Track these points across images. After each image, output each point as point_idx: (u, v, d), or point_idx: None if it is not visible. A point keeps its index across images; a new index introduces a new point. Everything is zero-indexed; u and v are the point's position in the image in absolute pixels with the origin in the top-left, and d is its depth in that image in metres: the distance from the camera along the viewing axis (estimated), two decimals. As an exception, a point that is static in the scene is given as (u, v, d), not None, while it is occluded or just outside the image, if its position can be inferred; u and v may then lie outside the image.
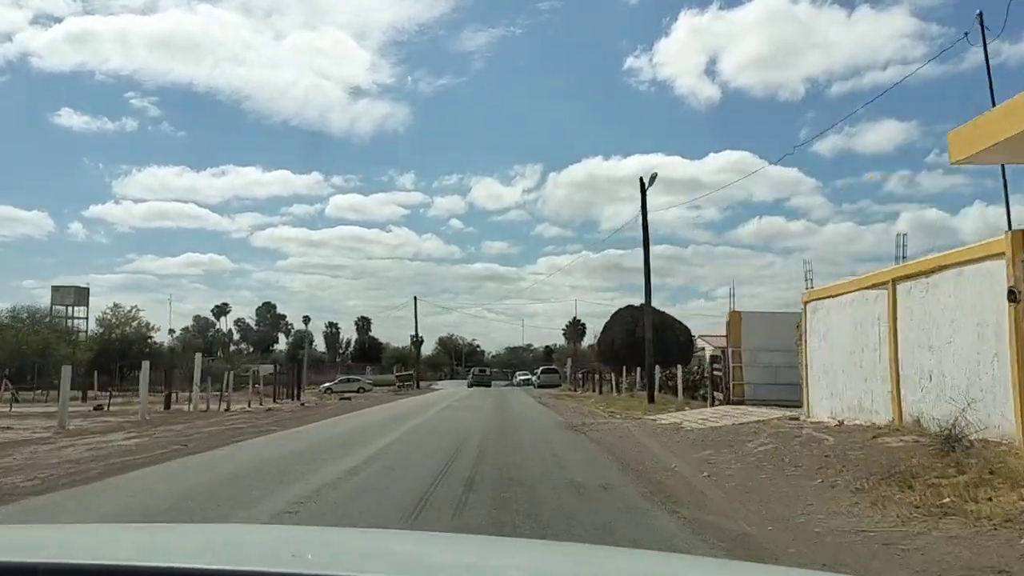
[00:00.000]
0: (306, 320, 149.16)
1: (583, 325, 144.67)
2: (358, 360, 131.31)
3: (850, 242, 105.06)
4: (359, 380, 65.27)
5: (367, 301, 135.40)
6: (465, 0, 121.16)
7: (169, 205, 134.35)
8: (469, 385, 65.31)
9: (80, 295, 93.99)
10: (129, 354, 64.25)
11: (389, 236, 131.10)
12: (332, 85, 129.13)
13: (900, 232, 58.24)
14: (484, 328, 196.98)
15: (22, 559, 1.56)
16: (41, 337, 56.81)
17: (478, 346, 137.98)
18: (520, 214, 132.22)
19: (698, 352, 39.81)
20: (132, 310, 72.29)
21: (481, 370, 72.53)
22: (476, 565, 1.94)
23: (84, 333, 77.16)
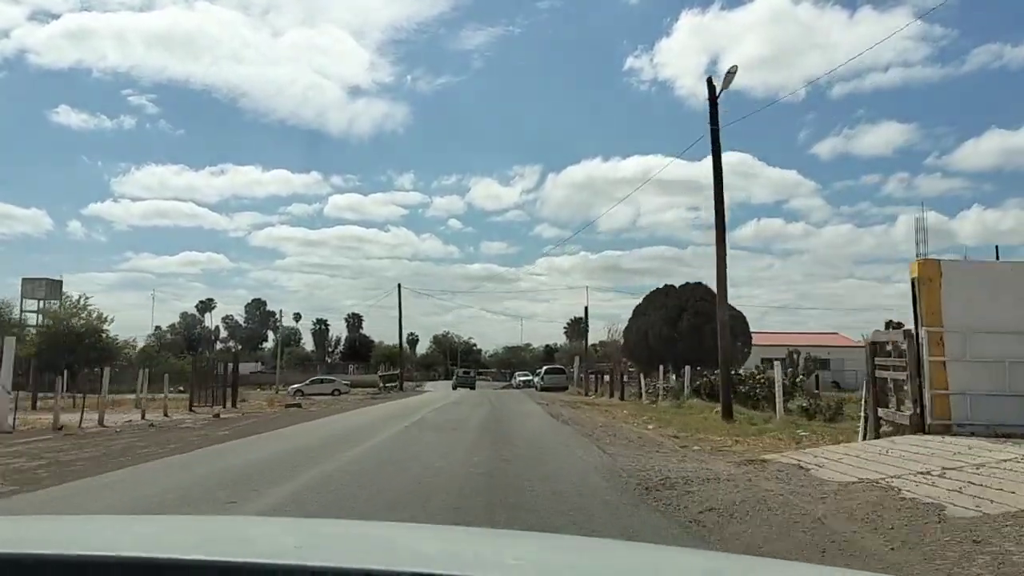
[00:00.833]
0: (297, 317, 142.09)
1: (586, 322, 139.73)
2: (348, 359, 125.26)
3: (849, 244, 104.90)
4: (334, 381, 56.36)
5: (365, 301, 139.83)
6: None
7: (167, 204, 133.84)
8: (453, 387, 63.01)
9: (52, 288, 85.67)
10: (78, 349, 56.03)
11: (388, 236, 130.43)
12: (330, 84, 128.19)
13: (919, 216, 50.12)
14: (482, 328, 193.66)
15: (23, 551, 1.55)
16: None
17: (475, 345, 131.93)
18: (519, 214, 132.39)
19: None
20: (81, 299, 63.02)
21: (465, 371, 70.28)
22: (478, 557, 1.90)
23: (35, 327, 68.33)
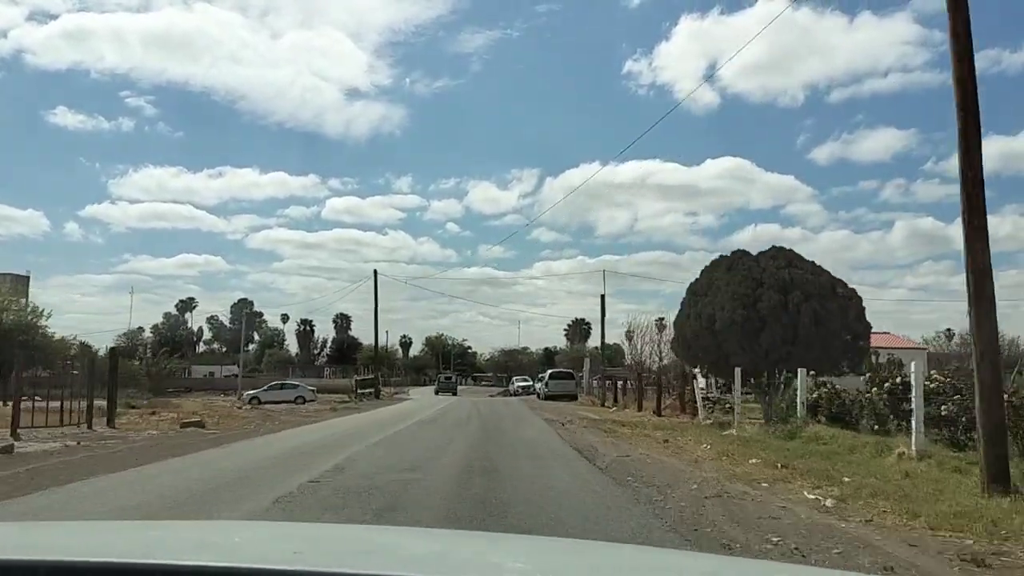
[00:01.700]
0: (284, 318, 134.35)
1: (587, 325, 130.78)
2: (335, 361, 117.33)
3: (845, 250, 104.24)
4: (296, 387, 47.03)
5: (362, 304, 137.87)
6: (462, 2, 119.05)
7: (165, 206, 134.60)
8: (436, 392, 62.22)
9: (18, 284, 77.02)
10: (4, 348, 47.05)
11: (385, 239, 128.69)
12: (329, 86, 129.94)
13: None
14: (479, 332, 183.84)
15: (22, 557, 1.53)
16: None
17: (469, 347, 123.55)
18: (517, 219, 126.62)
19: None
20: (8, 291, 53.87)
21: (447, 377, 69.46)
22: (477, 560, 1.90)
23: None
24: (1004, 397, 7.77)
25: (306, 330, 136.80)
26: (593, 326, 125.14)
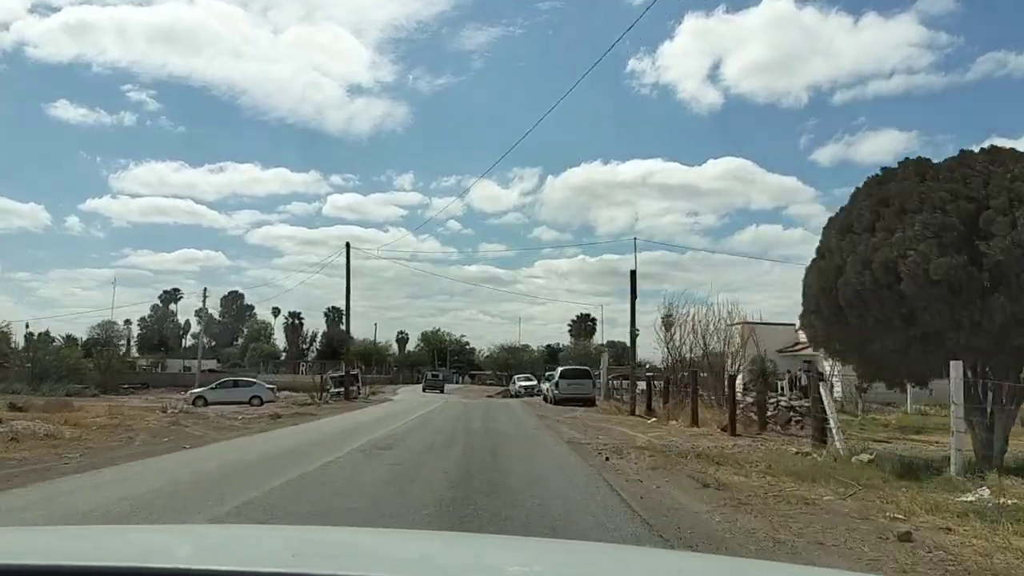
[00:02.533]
0: (276, 312, 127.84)
1: (592, 321, 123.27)
2: (326, 356, 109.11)
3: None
4: (253, 384, 38.94)
5: (363, 301, 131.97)
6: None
7: (166, 201, 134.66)
8: (423, 389, 60.95)
9: None
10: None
11: (386, 236, 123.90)
12: (331, 82, 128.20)
13: None
14: (479, 330, 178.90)
15: (15, 562, 1.49)
16: None
17: (467, 343, 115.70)
18: (518, 217, 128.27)
19: None
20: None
21: (434, 374, 68.59)
22: (478, 564, 1.88)
23: None
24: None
25: (294, 323, 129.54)
26: (598, 322, 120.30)
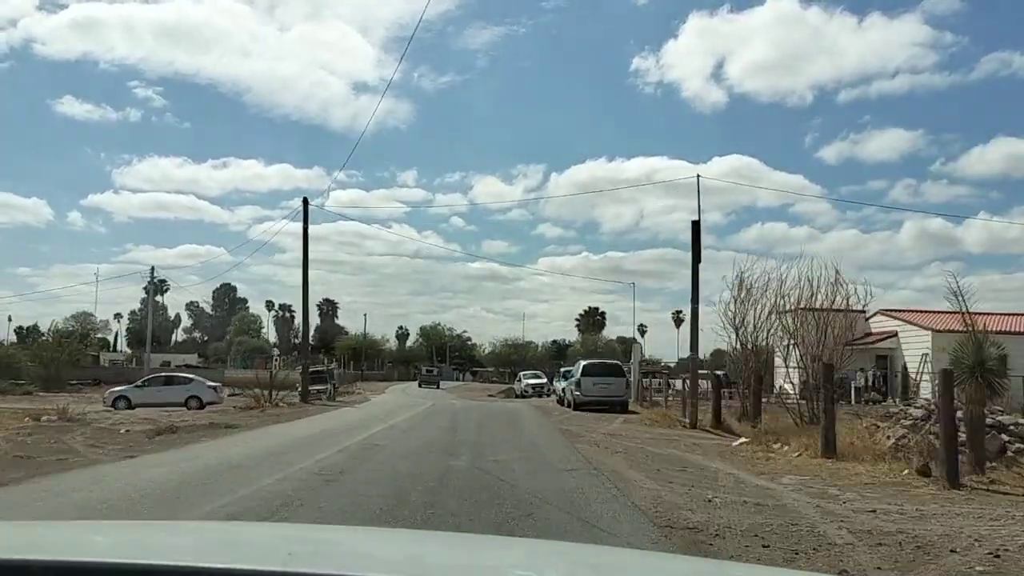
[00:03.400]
0: (269, 305, 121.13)
1: (602, 315, 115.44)
2: (319, 351, 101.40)
3: (854, 249, 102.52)
4: (189, 381, 30.77)
5: (365, 298, 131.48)
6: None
7: (169, 196, 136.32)
8: (419, 385, 59.31)
9: None
10: None
11: (389, 233, 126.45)
12: (336, 80, 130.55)
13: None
14: (481, 328, 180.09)
15: (15, 556, 1.49)
16: None
17: (469, 339, 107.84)
18: (521, 213, 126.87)
19: None
20: None
21: (428, 370, 67.76)
22: (474, 564, 1.85)
23: None
24: None
25: (285, 316, 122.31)
26: (608, 317, 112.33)
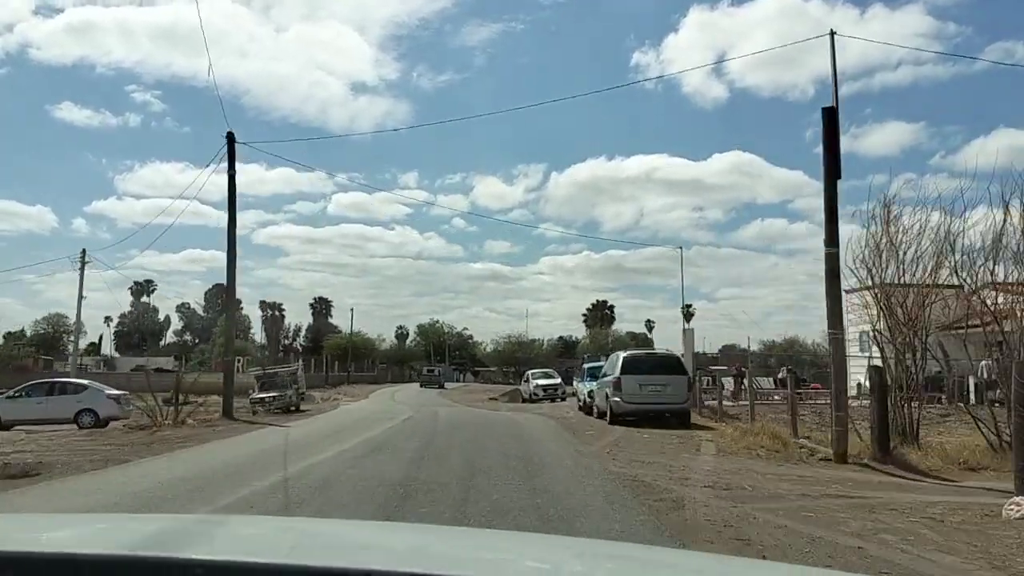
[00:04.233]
0: (263, 307, 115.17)
1: (610, 308, 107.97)
2: (312, 352, 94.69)
3: (855, 246, 76.63)
4: (83, 389, 22.58)
5: (368, 300, 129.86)
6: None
7: (171, 201, 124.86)
8: (421, 385, 55.99)
9: None
10: None
11: (392, 234, 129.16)
12: (335, 80, 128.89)
13: None
14: (484, 328, 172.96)
15: (17, 549, 1.45)
16: None
17: (470, 336, 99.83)
18: (523, 214, 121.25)
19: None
20: None
21: (429, 370, 64.96)
22: (476, 557, 1.78)
23: None
24: None
25: (273, 316, 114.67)
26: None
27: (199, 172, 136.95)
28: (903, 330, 12.43)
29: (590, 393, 21.52)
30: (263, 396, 29.15)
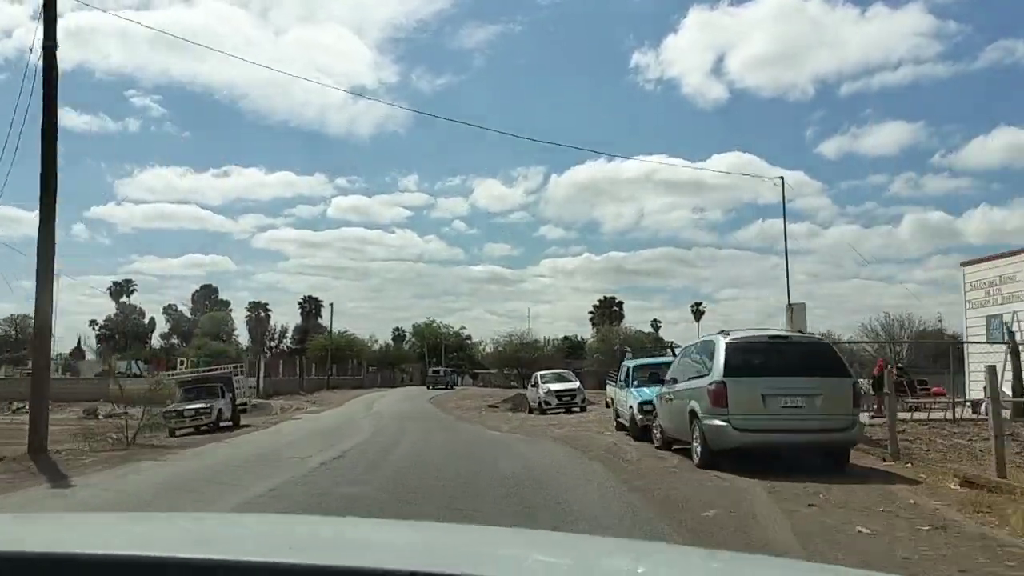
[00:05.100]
0: (251, 306, 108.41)
1: (619, 304, 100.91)
2: (299, 353, 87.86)
3: (854, 244, 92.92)
4: None
5: (367, 302, 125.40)
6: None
7: (171, 206, 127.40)
8: (427, 387, 53.89)
9: None
10: None
11: (392, 238, 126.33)
12: (332, 83, 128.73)
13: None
14: (485, 330, 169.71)
15: (17, 549, 1.45)
16: None
17: (468, 337, 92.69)
18: (523, 216, 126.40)
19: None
20: None
21: (435, 371, 60.85)
22: (480, 553, 1.73)
23: None
24: None
25: (259, 316, 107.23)
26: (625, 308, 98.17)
27: (197, 176, 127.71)
28: None
29: (643, 407, 13.71)
30: (183, 408, 21.69)
